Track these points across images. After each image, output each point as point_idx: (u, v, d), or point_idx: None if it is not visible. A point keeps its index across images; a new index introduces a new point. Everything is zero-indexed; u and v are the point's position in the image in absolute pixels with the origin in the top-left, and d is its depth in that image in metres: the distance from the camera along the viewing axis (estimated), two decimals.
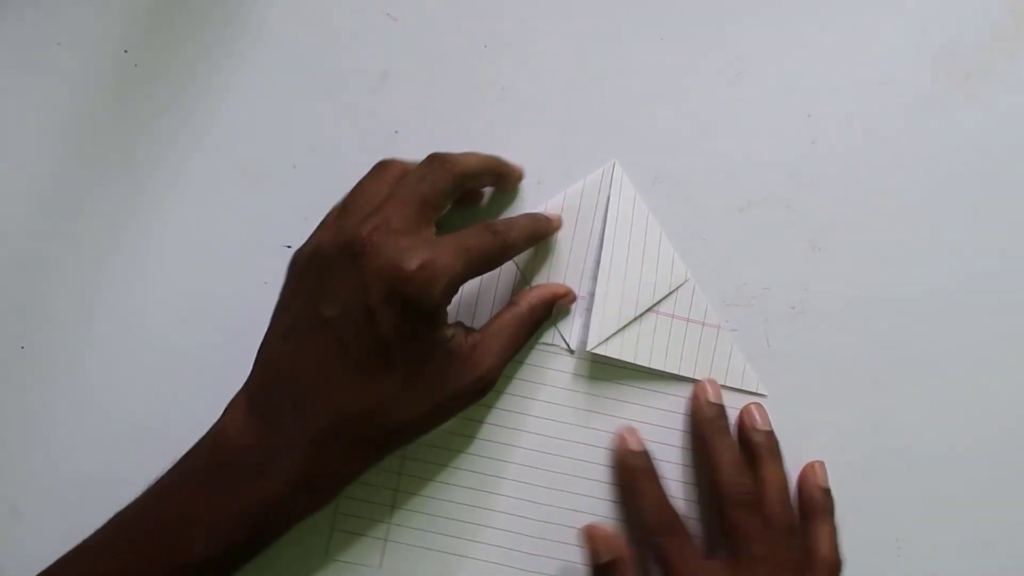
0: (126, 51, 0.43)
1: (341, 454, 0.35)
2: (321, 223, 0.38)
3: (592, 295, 0.41)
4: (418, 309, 0.33)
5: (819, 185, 0.42)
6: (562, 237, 0.42)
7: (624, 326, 0.41)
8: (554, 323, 0.42)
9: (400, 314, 0.33)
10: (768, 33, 0.43)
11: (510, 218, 0.39)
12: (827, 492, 0.40)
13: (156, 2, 0.44)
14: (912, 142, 0.42)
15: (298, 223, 0.42)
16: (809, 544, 0.39)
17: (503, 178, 0.41)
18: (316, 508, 0.36)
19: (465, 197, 0.41)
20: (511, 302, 0.40)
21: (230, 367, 0.37)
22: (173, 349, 0.42)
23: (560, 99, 0.43)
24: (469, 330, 0.37)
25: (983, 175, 0.42)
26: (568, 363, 0.42)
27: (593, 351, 0.40)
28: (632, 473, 0.40)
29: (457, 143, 0.39)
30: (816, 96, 0.43)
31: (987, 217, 0.42)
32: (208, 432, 0.36)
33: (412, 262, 0.33)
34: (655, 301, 0.41)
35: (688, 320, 0.42)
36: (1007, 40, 0.43)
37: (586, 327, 0.41)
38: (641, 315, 0.41)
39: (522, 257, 0.42)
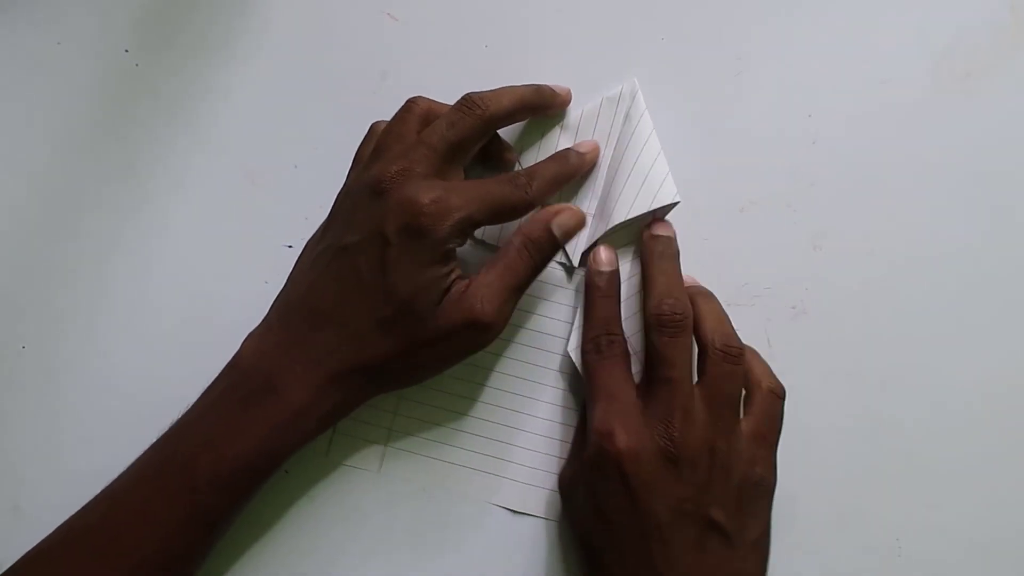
0: (127, 51, 0.44)
1: (347, 376, 0.36)
2: (353, 163, 0.40)
3: (592, 214, 0.41)
4: (427, 240, 0.35)
5: (820, 185, 0.42)
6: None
7: (601, 239, 0.41)
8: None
9: (410, 242, 0.35)
10: (769, 33, 0.43)
11: (534, 167, 0.39)
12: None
13: (157, 2, 0.44)
14: (912, 142, 0.42)
15: (299, 222, 0.42)
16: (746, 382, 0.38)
17: (546, 109, 0.41)
18: (326, 426, 0.37)
19: (498, 159, 0.42)
20: (509, 238, 0.39)
21: None
22: (174, 348, 0.42)
23: None
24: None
25: (983, 174, 0.42)
26: (568, 279, 0.42)
27: (577, 267, 0.41)
28: (590, 289, 0.40)
29: None
30: (817, 96, 0.43)
31: (987, 216, 0.42)
32: (223, 368, 0.38)
33: (427, 197, 0.35)
34: (632, 215, 0.39)
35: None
36: (1007, 40, 0.43)
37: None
38: (614, 227, 0.40)
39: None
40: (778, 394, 0.38)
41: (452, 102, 0.39)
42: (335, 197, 0.39)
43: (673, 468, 0.35)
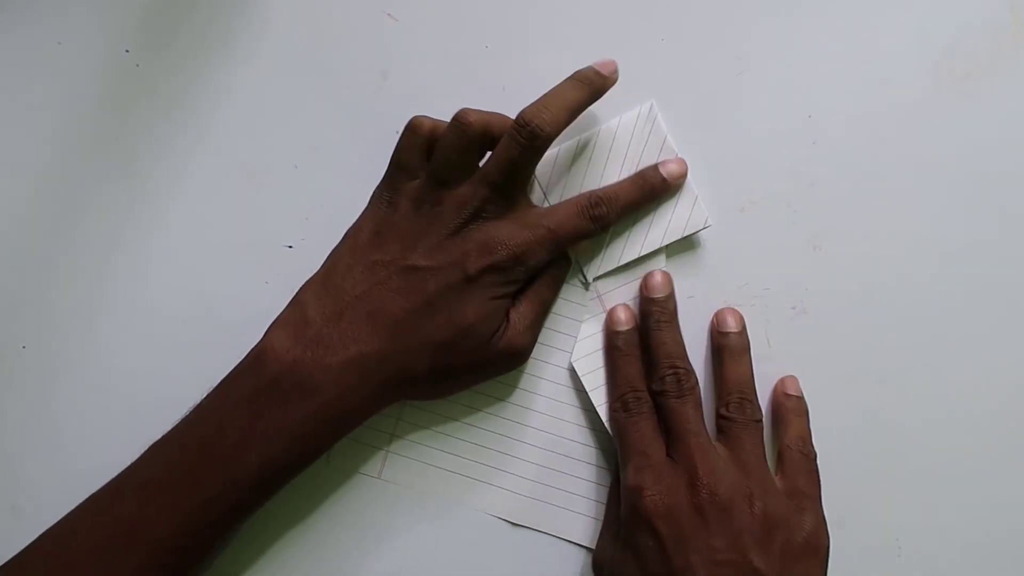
0: (127, 51, 0.44)
1: (386, 384, 0.37)
2: (397, 167, 0.39)
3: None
4: (504, 279, 0.37)
5: (819, 185, 0.42)
6: (591, 173, 0.42)
7: (628, 262, 0.41)
8: (576, 258, 0.42)
9: (488, 280, 0.37)
10: (769, 33, 0.43)
11: (615, 193, 0.40)
12: (797, 398, 0.40)
13: (157, 2, 0.44)
14: (912, 142, 0.42)
15: (299, 222, 0.43)
16: (776, 441, 0.40)
17: (595, 98, 0.40)
18: (355, 425, 0.37)
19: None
20: None
21: (232, 366, 0.38)
22: (175, 349, 0.42)
23: None
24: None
25: (983, 174, 0.42)
26: (583, 295, 0.42)
27: (592, 281, 0.42)
28: (611, 351, 0.41)
29: None
30: (817, 96, 0.43)
31: (987, 216, 0.42)
32: (249, 355, 0.37)
33: (511, 241, 0.37)
34: (667, 242, 0.41)
35: None
36: (1007, 40, 0.43)
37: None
38: (650, 254, 0.41)
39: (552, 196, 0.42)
40: (809, 456, 0.39)
41: (451, 101, 0.39)
42: (370, 197, 0.40)
43: (704, 518, 0.35)
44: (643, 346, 0.40)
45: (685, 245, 0.42)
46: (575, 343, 0.42)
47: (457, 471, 0.41)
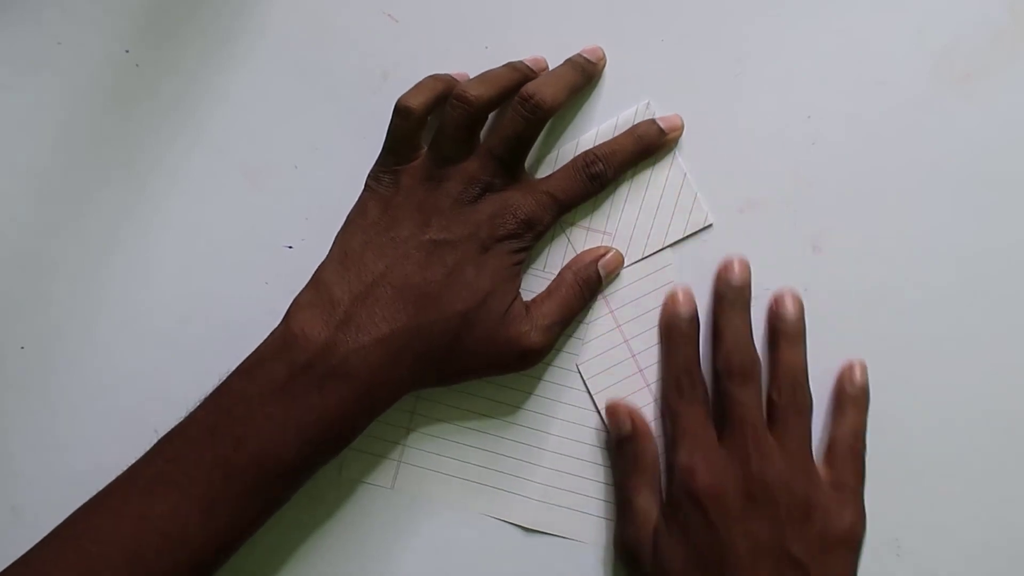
0: (127, 51, 0.44)
1: (415, 360, 0.37)
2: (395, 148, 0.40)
3: (606, 233, 0.42)
4: (516, 247, 0.39)
5: (819, 186, 0.42)
6: None
7: (630, 264, 0.42)
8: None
9: (501, 248, 0.38)
10: (768, 34, 0.43)
11: (611, 149, 0.41)
12: (860, 389, 0.40)
13: (157, 2, 0.44)
14: (912, 142, 0.42)
15: (299, 222, 0.43)
16: (829, 430, 0.40)
17: (587, 84, 0.42)
18: (383, 410, 0.38)
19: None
20: (559, 273, 0.41)
21: (231, 367, 0.38)
22: (174, 349, 0.42)
23: None
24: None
25: (983, 175, 0.42)
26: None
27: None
28: (671, 332, 0.41)
29: None
30: (816, 97, 0.43)
31: (987, 217, 0.42)
32: (274, 340, 0.37)
33: (520, 211, 0.39)
34: (668, 243, 0.42)
35: None
36: (1007, 40, 0.43)
37: None
38: (652, 254, 0.42)
39: None
40: (857, 453, 0.40)
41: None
42: (366, 182, 0.40)
43: (752, 505, 0.37)
44: (714, 327, 0.41)
45: (683, 245, 0.42)
46: (581, 345, 0.42)
47: (468, 478, 0.41)
